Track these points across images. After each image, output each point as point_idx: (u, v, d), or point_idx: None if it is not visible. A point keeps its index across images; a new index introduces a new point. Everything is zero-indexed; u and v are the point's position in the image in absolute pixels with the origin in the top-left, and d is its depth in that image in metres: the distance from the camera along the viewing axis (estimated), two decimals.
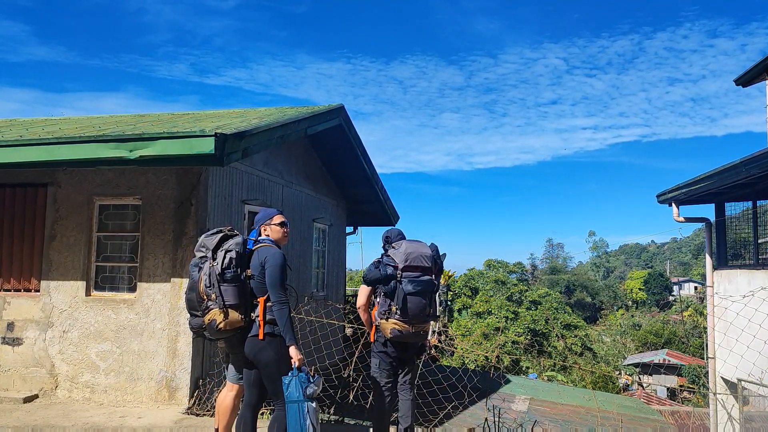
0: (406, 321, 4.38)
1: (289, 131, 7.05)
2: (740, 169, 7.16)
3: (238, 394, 4.42)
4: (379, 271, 4.48)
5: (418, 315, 4.40)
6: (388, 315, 4.41)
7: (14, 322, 6.72)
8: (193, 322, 4.30)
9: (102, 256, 6.73)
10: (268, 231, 4.21)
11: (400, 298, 4.36)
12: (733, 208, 9.47)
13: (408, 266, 4.43)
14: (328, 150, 10.32)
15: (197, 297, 4.14)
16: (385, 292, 4.45)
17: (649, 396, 24.67)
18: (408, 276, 4.41)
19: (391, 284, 4.42)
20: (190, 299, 4.27)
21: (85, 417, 5.81)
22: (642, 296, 65.40)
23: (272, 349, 3.91)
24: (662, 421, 11.86)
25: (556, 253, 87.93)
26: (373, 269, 4.56)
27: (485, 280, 42.72)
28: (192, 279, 4.24)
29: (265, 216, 4.27)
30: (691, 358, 30.87)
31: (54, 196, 6.80)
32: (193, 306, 4.24)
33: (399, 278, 4.41)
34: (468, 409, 7.69)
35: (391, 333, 4.40)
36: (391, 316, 4.39)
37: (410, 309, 4.37)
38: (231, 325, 3.93)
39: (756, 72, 9.61)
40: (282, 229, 4.23)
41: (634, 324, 45.26)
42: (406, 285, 4.39)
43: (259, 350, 3.91)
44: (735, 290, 8.52)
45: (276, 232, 4.21)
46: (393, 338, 4.42)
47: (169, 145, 5.40)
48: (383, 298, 4.48)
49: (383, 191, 12.09)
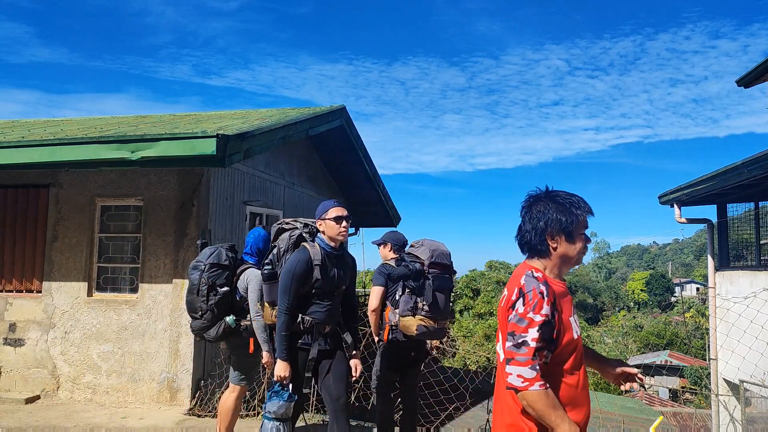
0: (433, 317, 4.31)
1: (290, 132, 7.05)
2: (742, 170, 7.15)
3: (240, 395, 4.44)
4: (406, 268, 4.36)
5: (443, 310, 4.36)
6: (414, 311, 4.31)
7: (16, 323, 6.73)
8: (194, 324, 4.33)
9: (104, 257, 6.74)
10: (323, 227, 3.74)
11: (429, 294, 4.30)
12: (735, 209, 9.45)
13: (433, 263, 4.38)
14: (330, 151, 10.32)
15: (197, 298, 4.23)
16: (412, 288, 4.35)
17: (651, 397, 24.62)
18: (433, 272, 4.36)
19: (420, 280, 4.35)
20: (190, 301, 4.29)
21: (86, 418, 5.82)
22: (644, 297, 65.33)
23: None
24: (664, 422, 11.83)
25: None
26: (395, 269, 4.43)
27: (487, 281, 42.61)
28: (191, 282, 4.26)
29: (321, 209, 3.80)
30: (693, 360, 30.79)
31: (56, 197, 6.81)
32: (194, 308, 4.26)
33: (427, 273, 4.35)
34: (470, 410, 7.68)
35: (417, 330, 4.27)
36: (418, 312, 4.30)
37: (439, 304, 4.33)
38: (268, 320, 4.06)
39: (758, 73, 9.59)
40: (338, 225, 3.69)
41: (636, 325, 45.19)
42: (434, 281, 4.34)
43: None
44: (737, 291, 8.51)
45: (331, 229, 3.70)
46: (419, 335, 4.31)
47: (170, 146, 5.40)
48: (407, 296, 4.36)
49: (385, 192, 12.09)
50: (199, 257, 4.39)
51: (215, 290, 4.24)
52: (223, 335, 4.27)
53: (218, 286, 4.26)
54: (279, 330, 3.57)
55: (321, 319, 3.70)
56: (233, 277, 4.37)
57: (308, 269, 3.60)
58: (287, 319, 3.59)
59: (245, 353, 4.36)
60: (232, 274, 4.37)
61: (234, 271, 4.38)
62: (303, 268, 3.58)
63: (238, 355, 4.42)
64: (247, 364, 4.47)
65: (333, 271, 3.70)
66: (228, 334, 4.28)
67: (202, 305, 4.22)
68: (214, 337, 4.27)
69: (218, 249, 4.38)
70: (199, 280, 4.25)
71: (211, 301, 4.21)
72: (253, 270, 4.33)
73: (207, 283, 4.22)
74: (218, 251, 4.36)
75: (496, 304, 36.91)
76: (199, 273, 4.26)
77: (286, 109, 9.46)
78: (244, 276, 4.34)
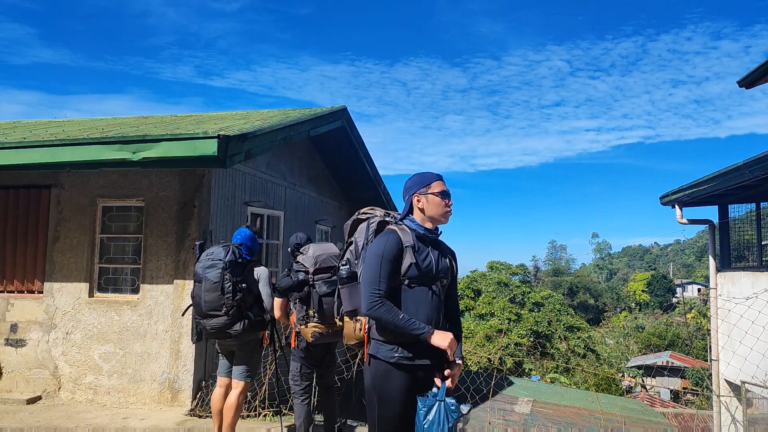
0: (324, 323, 4.43)
1: (292, 133, 7.06)
2: (744, 170, 7.14)
3: (244, 391, 4.62)
4: (290, 279, 4.48)
5: (331, 316, 4.34)
6: (306, 320, 4.47)
7: (18, 323, 6.73)
8: (214, 322, 4.45)
9: (105, 258, 6.74)
10: (422, 203, 2.87)
11: (315, 302, 4.42)
12: (736, 209, 9.44)
13: (318, 269, 4.42)
14: (331, 152, 10.32)
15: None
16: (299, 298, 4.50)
17: (653, 398, 24.58)
18: (320, 278, 4.40)
19: (305, 290, 4.49)
20: (210, 300, 4.39)
21: (88, 418, 5.82)
22: (645, 298, 65.23)
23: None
24: (665, 423, 11.81)
25: (558, 254, 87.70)
26: (281, 280, 4.51)
27: (488, 282, 42.56)
28: (211, 279, 4.37)
29: (419, 181, 2.93)
30: (694, 361, 30.74)
31: (57, 198, 6.81)
32: (216, 306, 4.38)
33: (312, 282, 4.45)
34: (471, 411, 7.67)
35: (312, 337, 4.42)
36: (310, 320, 4.44)
37: (325, 312, 4.37)
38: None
39: (759, 73, 9.57)
40: (444, 201, 2.88)
41: (638, 326, 45.13)
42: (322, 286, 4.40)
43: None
44: (738, 292, 8.50)
45: (435, 206, 2.87)
46: (314, 341, 4.49)
47: (171, 146, 5.41)
48: (299, 305, 4.49)
49: (386, 193, 12.09)
50: (211, 256, 4.45)
51: (239, 287, 4.38)
52: (248, 329, 4.43)
53: (240, 282, 4.41)
54: (395, 317, 2.62)
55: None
56: (244, 274, 4.55)
57: (399, 252, 2.74)
58: (389, 304, 2.66)
59: (255, 348, 4.63)
60: (243, 271, 4.54)
61: (244, 268, 4.55)
62: (393, 249, 2.72)
63: (247, 350, 4.61)
64: (254, 359, 4.68)
65: (429, 258, 2.81)
66: (249, 329, 4.45)
67: (228, 301, 4.32)
68: (240, 332, 4.39)
69: (231, 248, 4.50)
70: (222, 278, 4.33)
71: (237, 297, 4.35)
72: (261, 267, 4.64)
73: (231, 280, 4.34)
74: (232, 250, 4.48)
75: (497, 304, 36.95)
76: (219, 271, 4.35)
77: (287, 109, 9.47)
78: (255, 272, 4.58)
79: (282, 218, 8.57)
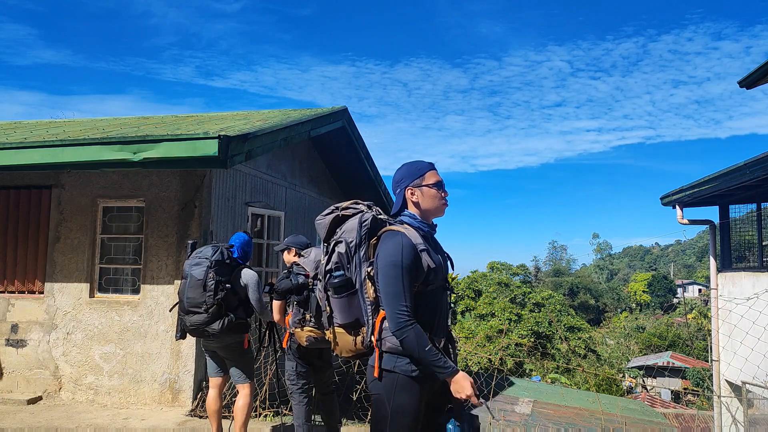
0: (320, 328, 4.45)
1: (292, 133, 7.06)
2: (744, 171, 7.14)
3: (250, 392, 4.67)
4: (290, 282, 4.46)
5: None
6: (302, 324, 4.49)
7: (18, 323, 6.74)
8: (194, 319, 4.48)
9: (106, 258, 6.75)
10: (417, 196, 2.63)
11: (313, 307, 4.42)
12: (737, 210, 9.45)
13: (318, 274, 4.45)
14: (332, 152, 10.32)
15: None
16: (298, 301, 4.50)
17: (653, 399, 24.57)
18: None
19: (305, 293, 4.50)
20: (192, 297, 4.44)
21: (88, 419, 5.82)
22: (646, 299, 65.23)
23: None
24: (666, 423, 11.80)
25: (559, 255, 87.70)
26: (280, 282, 4.49)
27: (488, 282, 42.56)
28: (195, 277, 4.40)
29: (412, 171, 2.67)
30: (695, 361, 30.71)
31: (58, 199, 6.82)
32: (197, 303, 4.41)
33: (311, 286, 4.45)
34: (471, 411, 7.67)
35: (306, 341, 4.42)
36: (306, 324, 4.47)
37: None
38: None
39: (760, 74, 9.56)
40: (440, 193, 2.66)
41: (638, 326, 45.12)
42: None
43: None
44: (739, 293, 8.49)
45: (431, 198, 2.63)
46: (308, 345, 4.49)
47: (172, 147, 5.41)
48: (296, 308, 4.49)
49: (387, 193, 12.08)
50: (200, 254, 4.49)
51: (222, 286, 4.37)
52: (226, 329, 4.39)
53: (224, 282, 4.40)
54: (421, 347, 2.37)
55: (436, 331, 2.56)
56: (232, 276, 4.54)
57: (417, 258, 2.47)
58: (418, 328, 2.40)
59: (241, 349, 4.62)
60: (231, 272, 4.54)
61: (233, 269, 4.55)
62: (411, 255, 2.45)
63: (235, 352, 4.61)
64: (246, 359, 4.69)
65: (438, 259, 2.59)
66: (228, 329, 4.41)
67: (209, 299, 4.32)
68: (218, 331, 4.37)
69: (220, 248, 4.52)
70: (206, 276, 4.34)
71: (218, 296, 4.34)
72: (248, 270, 4.62)
73: (215, 279, 4.34)
74: (221, 250, 4.49)
75: (498, 305, 36.94)
76: (204, 269, 4.36)
77: (288, 110, 9.47)
78: (243, 276, 4.57)
79: (283, 219, 8.58)
